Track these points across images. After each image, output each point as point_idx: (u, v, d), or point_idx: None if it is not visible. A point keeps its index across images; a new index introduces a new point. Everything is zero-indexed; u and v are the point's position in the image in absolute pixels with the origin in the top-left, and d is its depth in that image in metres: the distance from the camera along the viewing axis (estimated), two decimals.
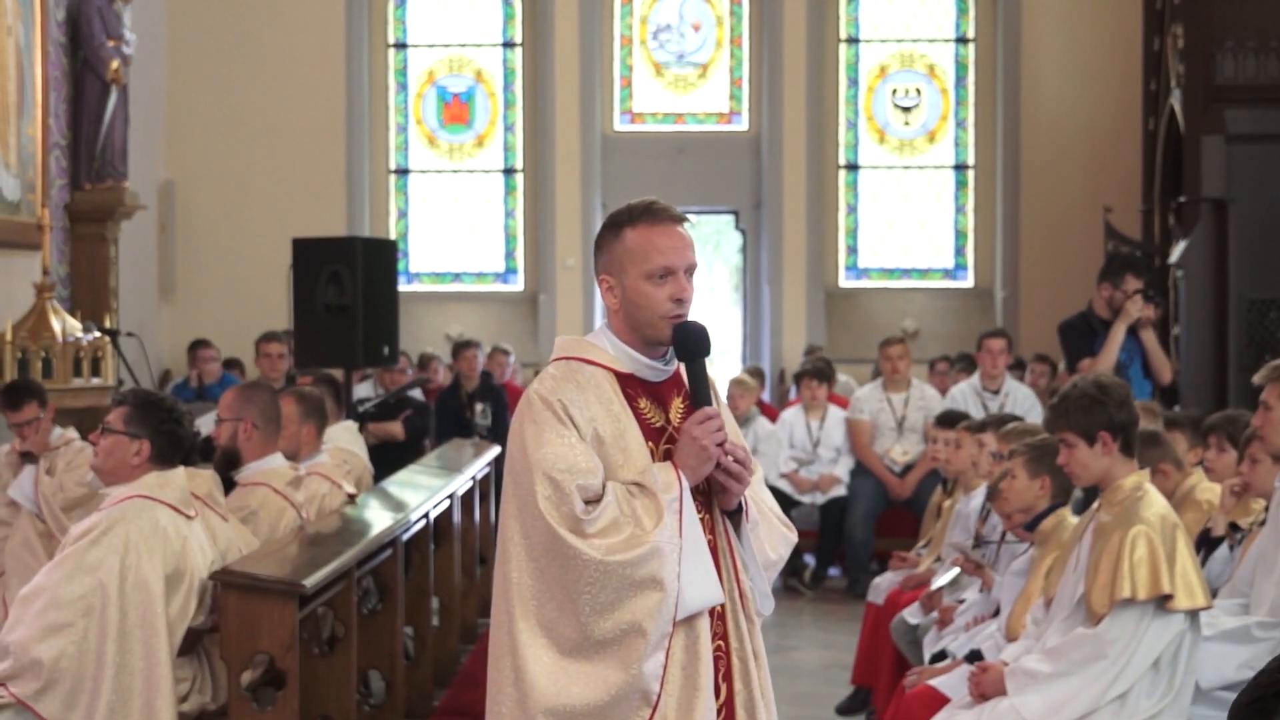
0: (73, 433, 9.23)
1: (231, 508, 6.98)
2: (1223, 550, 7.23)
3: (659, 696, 4.06)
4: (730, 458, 4.20)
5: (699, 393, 4.27)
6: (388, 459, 11.99)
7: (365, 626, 7.70)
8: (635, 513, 4.09)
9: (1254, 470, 6.99)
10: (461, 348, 14.78)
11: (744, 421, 13.82)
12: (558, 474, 4.06)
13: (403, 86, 17.66)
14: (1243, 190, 12.86)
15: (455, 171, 17.72)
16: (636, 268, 4.22)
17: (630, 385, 4.25)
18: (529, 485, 4.07)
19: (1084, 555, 5.95)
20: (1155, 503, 5.90)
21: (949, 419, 10.20)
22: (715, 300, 44.42)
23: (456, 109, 17.70)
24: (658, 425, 4.26)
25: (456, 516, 9.92)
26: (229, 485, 7.28)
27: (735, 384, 13.96)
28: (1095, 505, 6.09)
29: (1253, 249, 12.76)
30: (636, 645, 4.03)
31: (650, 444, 4.23)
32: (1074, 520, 6.57)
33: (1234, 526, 7.32)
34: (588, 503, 4.07)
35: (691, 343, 4.25)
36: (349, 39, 17.12)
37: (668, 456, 4.22)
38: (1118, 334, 10.14)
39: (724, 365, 17.57)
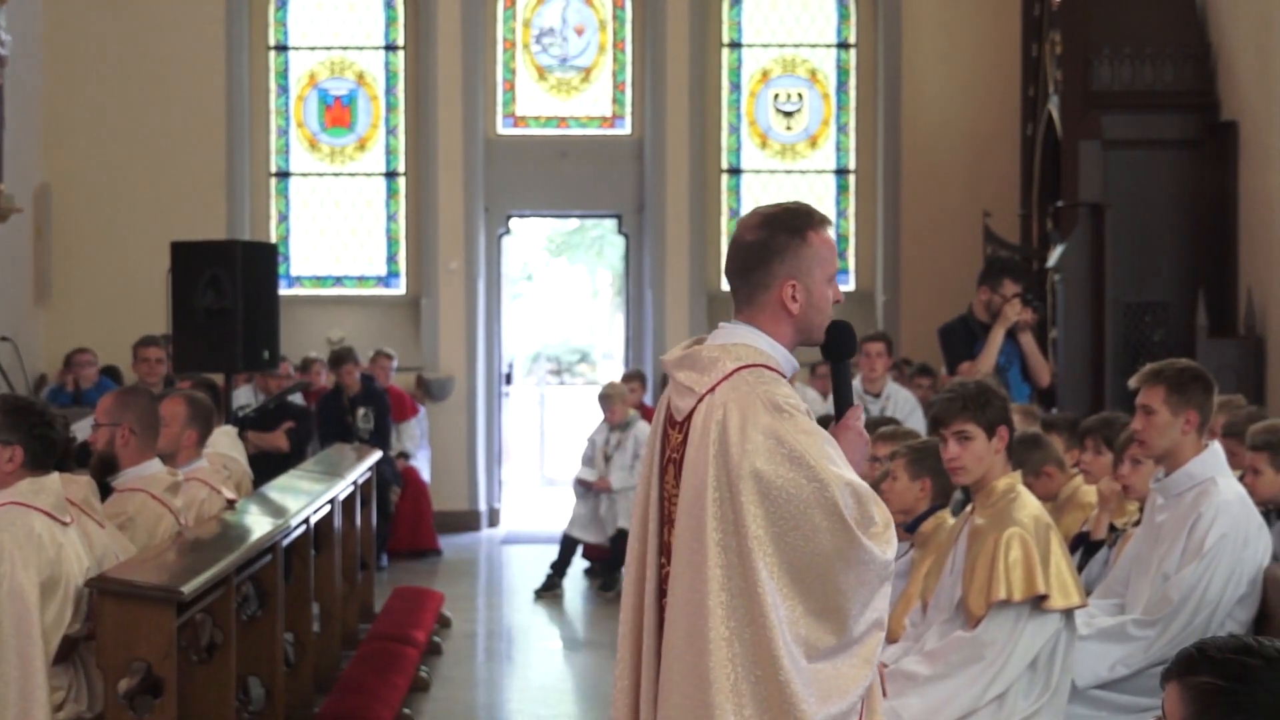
0: None
1: (108, 514, 6.90)
2: (1104, 553, 7.33)
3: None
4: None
5: (848, 390, 4.45)
6: (268, 464, 11.93)
7: (245, 633, 7.64)
8: (872, 513, 4.14)
9: (1134, 472, 7.09)
10: (339, 359, 14.70)
11: (624, 426, 13.85)
12: (857, 482, 4.09)
13: (283, 89, 17.53)
14: (1119, 195, 13.01)
15: (337, 175, 17.61)
16: (822, 270, 4.26)
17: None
18: (818, 496, 4.01)
19: (960, 558, 6.00)
20: (1028, 504, 5.97)
21: (828, 423, 10.23)
22: (598, 304, 44.07)
23: (338, 112, 17.59)
24: None
25: (338, 522, 9.87)
26: (106, 491, 7.20)
27: (604, 398, 13.99)
28: (969, 508, 6.15)
29: (1129, 253, 12.92)
30: (877, 638, 4.13)
31: None
32: (953, 522, 6.63)
33: (1112, 528, 7.42)
34: None
35: (846, 342, 4.38)
36: (229, 41, 16.98)
37: None
38: (996, 338, 10.24)
39: (608, 369, 17.58)
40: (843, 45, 17.72)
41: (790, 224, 4.24)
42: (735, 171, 17.68)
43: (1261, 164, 12.51)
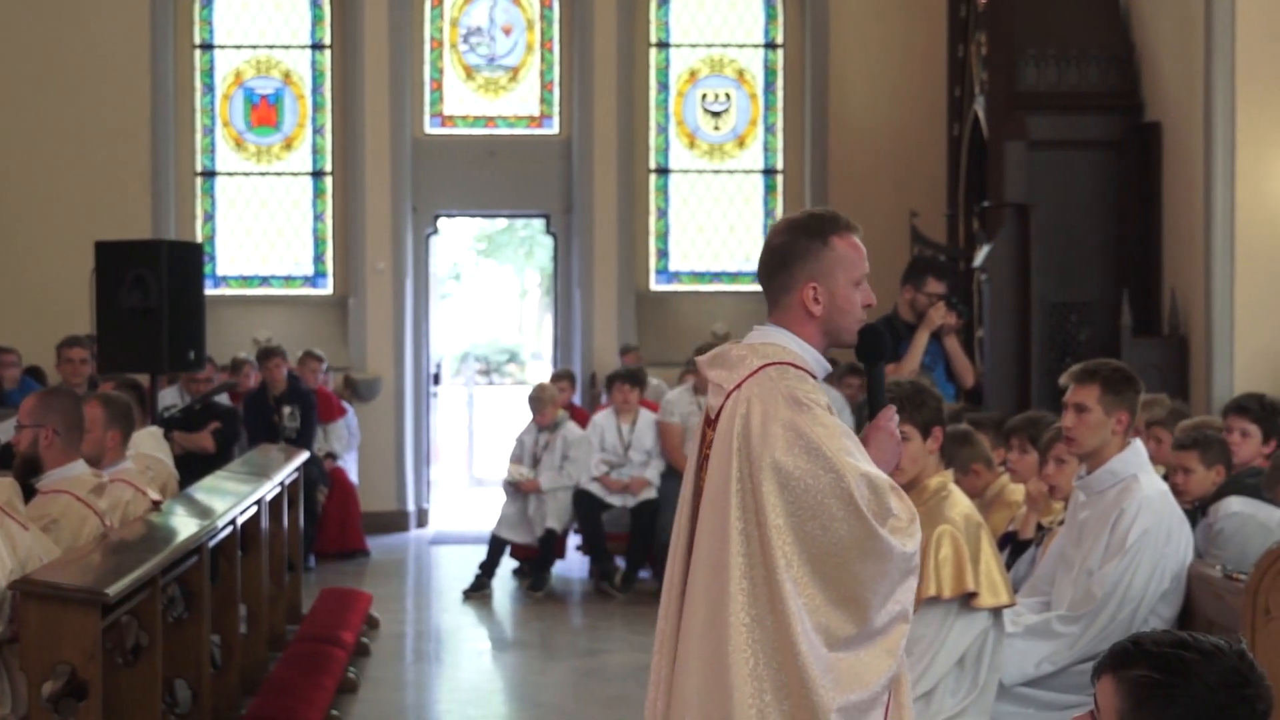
0: None
1: (32, 516, 6.85)
2: (1031, 552, 7.37)
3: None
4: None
5: (881, 392, 4.54)
6: (194, 465, 11.86)
7: (171, 635, 7.60)
8: (898, 503, 4.25)
9: (1060, 471, 7.14)
10: (267, 354, 14.65)
11: (553, 427, 13.85)
12: (874, 474, 4.20)
13: (209, 88, 17.42)
14: (1044, 195, 13.08)
15: (263, 174, 17.51)
16: (846, 274, 4.44)
17: None
18: (835, 487, 4.14)
19: None
20: (959, 502, 6.01)
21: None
22: (526, 304, 44.02)
23: (264, 111, 17.50)
24: None
25: (265, 523, 9.83)
26: (29, 493, 7.14)
27: (534, 400, 13.96)
28: None
29: (1054, 253, 13.00)
30: (902, 631, 4.22)
31: None
32: None
33: (1039, 527, 7.46)
34: None
35: (878, 346, 4.52)
36: (154, 39, 16.86)
37: None
38: (920, 340, 10.28)
39: (536, 369, 17.57)
40: (770, 45, 17.76)
41: (812, 228, 4.45)
42: (663, 171, 17.69)
43: (1184, 165, 12.61)
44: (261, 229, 17.49)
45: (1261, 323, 12.07)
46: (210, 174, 17.45)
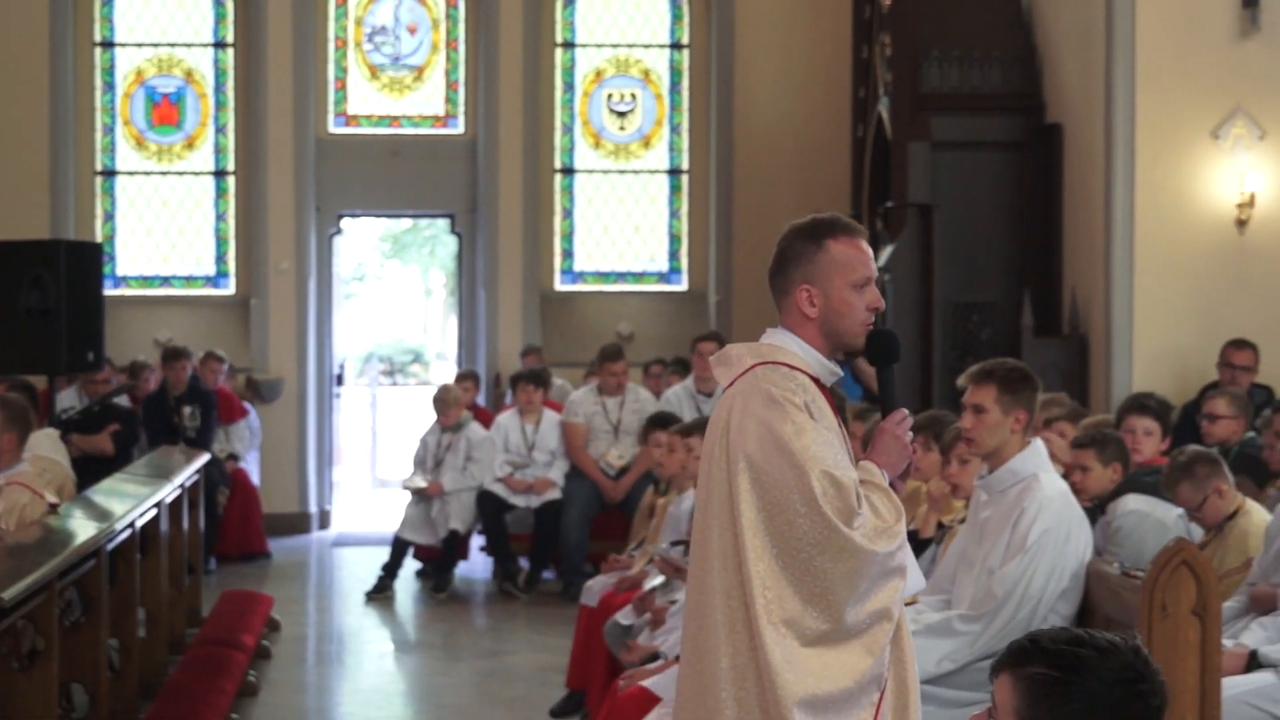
0: None
1: None
2: (932, 550, 7.40)
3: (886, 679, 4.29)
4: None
5: (892, 395, 4.54)
6: (93, 467, 11.73)
7: (67, 639, 7.51)
8: (875, 505, 4.29)
9: (962, 471, 7.17)
10: (171, 358, 14.52)
11: (456, 428, 13.80)
12: (837, 472, 4.22)
13: (110, 86, 17.25)
14: (947, 196, 13.17)
15: (165, 173, 17.35)
16: (843, 277, 4.43)
17: (821, 388, 4.43)
18: (798, 482, 4.20)
19: None
20: None
21: (662, 421, 10.29)
22: (431, 304, 43.90)
23: (166, 110, 17.34)
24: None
25: (164, 525, 9.74)
26: None
27: (438, 401, 13.92)
28: None
29: (956, 253, 13.08)
30: (884, 631, 4.26)
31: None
32: None
33: (940, 525, 7.50)
34: None
35: (887, 349, 4.51)
36: (53, 36, 16.66)
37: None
38: None
39: (441, 369, 17.51)
40: (676, 46, 17.78)
41: (809, 232, 4.49)
42: (568, 171, 17.67)
43: (1085, 166, 12.72)
44: (163, 229, 17.33)
45: (1160, 323, 12.19)
46: (110, 173, 17.28)
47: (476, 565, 14.50)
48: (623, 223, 17.72)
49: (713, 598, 4.27)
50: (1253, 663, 6.17)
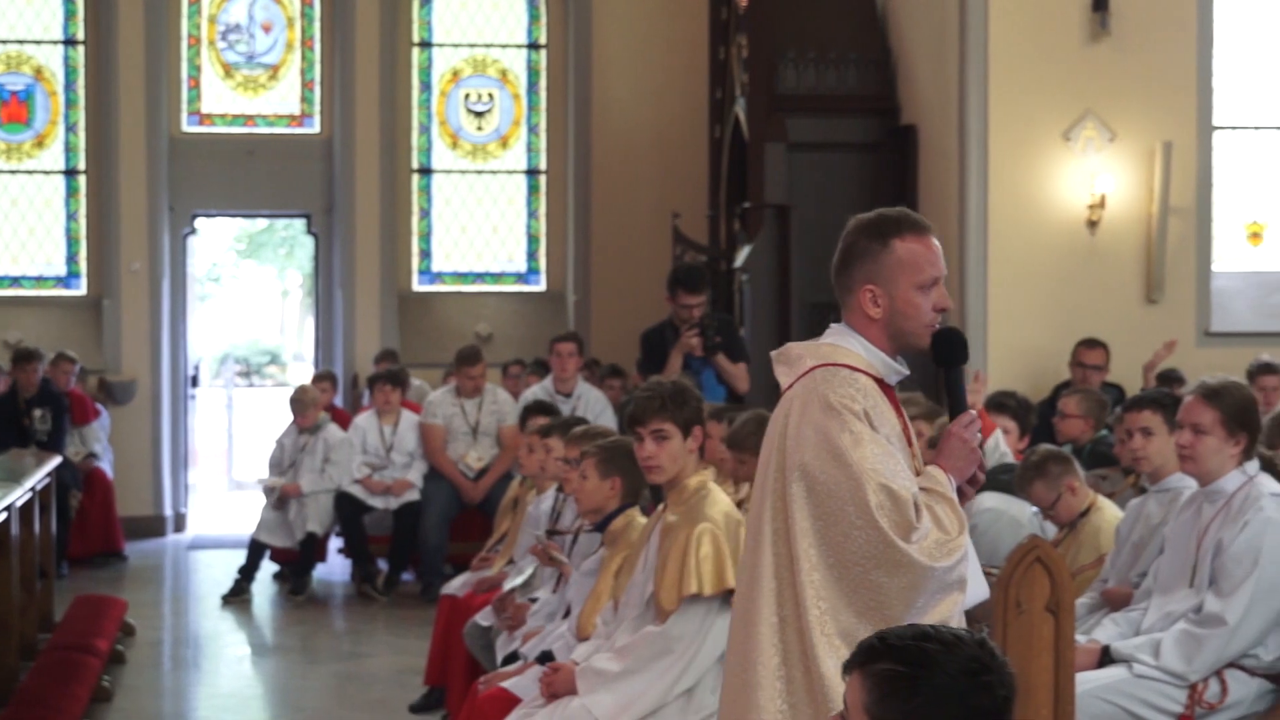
0: None
1: None
2: None
3: None
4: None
5: (960, 397, 4.40)
6: None
7: None
8: (938, 517, 4.16)
9: None
10: (22, 359, 14.31)
11: (313, 430, 13.71)
12: (895, 484, 4.08)
13: None
14: (803, 196, 13.26)
15: (14, 172, 17.07)
16: (908, 278, 4.28)
17: (885, 390, 4.28)
18: (854, 495, 4.07)
19: (652, 554, 6.06)
20: (719, 501, 6.05)
21: (543, 408, 10.27)
22: (288, 304, 43.60)
23: (14, 108, 17.07)
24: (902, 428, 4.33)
25: (15, 529, 9.58)
26: None
27: (295, 402, 13.82)
28: (662, 506, 6.21)
29: (812, 254, 13.14)
30: None
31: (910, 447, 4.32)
32: (643, 521, 6.67)
33: None
34: None
35: (954, 350, 4.33)
36: None
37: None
38: (674, 364, 10.32)
39: (298, 370, 17.39)
40: (533, 46, 17.76)
41: (874, 229, 4.36)
42: (426, 171, 17.60)
43: (939, 167, 12.86)
44: (12, 228, 17.06)
45: (1013, 322, 12.36)
46: None
47: (335, 567, 14.41)
48: (480, 223, 17.68)
49: (761, 604, 4.18)
50: (1105, 658, 6.25)
